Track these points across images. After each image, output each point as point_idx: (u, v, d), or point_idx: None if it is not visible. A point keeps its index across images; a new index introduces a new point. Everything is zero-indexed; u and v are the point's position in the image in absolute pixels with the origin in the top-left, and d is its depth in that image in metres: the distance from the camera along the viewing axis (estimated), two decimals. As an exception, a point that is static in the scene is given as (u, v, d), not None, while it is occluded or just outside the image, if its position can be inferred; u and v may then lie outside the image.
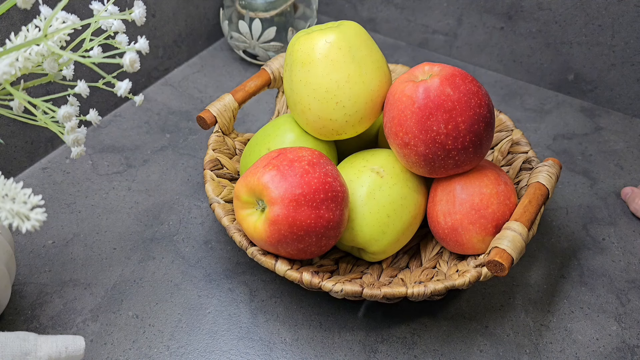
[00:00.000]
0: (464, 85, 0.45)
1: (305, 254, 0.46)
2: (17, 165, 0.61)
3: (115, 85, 0.37)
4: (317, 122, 0.50)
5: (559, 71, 0.75)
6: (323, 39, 0.48)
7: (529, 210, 0.46)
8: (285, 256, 0.46)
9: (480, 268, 0.45)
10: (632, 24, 0.67)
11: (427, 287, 0.44)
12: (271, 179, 0.44)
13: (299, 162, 0.45)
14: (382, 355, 0.48)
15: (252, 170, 0.46)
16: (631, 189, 0.61)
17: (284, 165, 0.45)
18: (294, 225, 0.43)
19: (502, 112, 0.59)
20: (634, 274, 0.55)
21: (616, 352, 0.48)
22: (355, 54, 0.49)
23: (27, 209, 0.32)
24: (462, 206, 0.47)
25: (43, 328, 0.48)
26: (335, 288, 0.44)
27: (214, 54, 0.81)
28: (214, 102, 0.56)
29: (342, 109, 0.49)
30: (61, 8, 0.35)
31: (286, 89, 0.52)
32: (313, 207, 0.43)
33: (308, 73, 0.49)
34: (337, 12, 0.87)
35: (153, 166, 0.64)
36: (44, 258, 0.53)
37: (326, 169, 0.45)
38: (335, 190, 0.45)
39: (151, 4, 0.69)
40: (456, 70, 0.46)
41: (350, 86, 0.48)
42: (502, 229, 0.45)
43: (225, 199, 0.51)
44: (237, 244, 0.48)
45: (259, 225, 0.45)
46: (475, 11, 0.76)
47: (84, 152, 0.39)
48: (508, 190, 0.48)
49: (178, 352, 0.47)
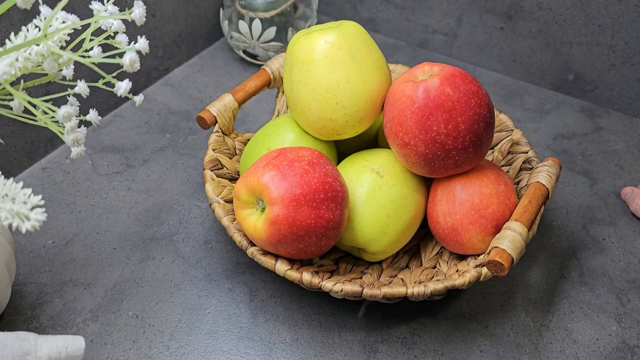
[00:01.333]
0: (464, 85, 0.45)
1: (305, 254, 0.46)
2: (17, 165, 0.61)
3: (115, 85, 0.37)
4: (317, 122, 0.50)
5: (559, 71, 0.75)
6: (323, 39, 0.48)
7: (529, 210, 0.46)
8: (285, 256, 0.46)
9: (480, 268, 0.45)
10: (632, 24, 0.67)
11: (427, 287, 0.44)
12: (271, 179, 0.44)
13: (299, 162, 0.45)
14: (382, 355, 0.48)
15: (252, 170, 0.46)
16: (631, 189, 0.61)
17: (284, 165, 0.45)
18: (294, 225, 0.43)
19: (502, 112, 0.59)
20: (634, 274, 0.55)
21: (616, 352, 0.48)
22: (355, 54, 0.49)
23: (27, 209, 0.32)
24: (462, 206, 0.47)
25: (43, 328, 0.48)
26: (335, 288, 0.44)
27: (214, 54, 0.81)
28: (214, 102, 0.56)
29: (342, 109, 0.49)
30: (61, 8, 0.35)
31: (286, 89, 0.52)
32: (313, 207, 0.43)
33: (308, 73, 0.49)
34: (337, 12, 0.87)
35: (153, 166, 0.64)
36: (44, 258, 0.53)
37: (326, 169, 0.45)
38: (335, 190, 0.45)
39: (151, 4, 0.69)
40: (456, 70, 0.46)
41: (351, 86, 0.48)
42: (502, 229, 0.45)
43: (225, 199, 0.51)
44: (237, 244, 0.48)
45: (259, 225, 0.45)
46: (475, 11, 0.76)
47: (84, 152, 0.39)
48: (508, 190, 0.48)
49: (178, 352, 0.47)
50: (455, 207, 0.47)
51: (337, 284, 0.44)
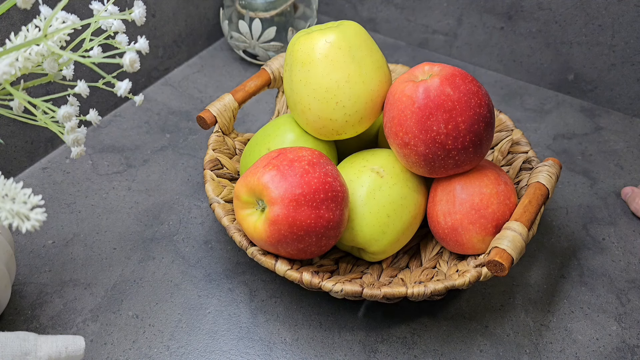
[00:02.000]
0: (464, 85, 0.45)
1: (305, 254, 0.46)
2: (17, 165, 0.61)
3: (115, 85, 0.37)
4: (317, 122, 0.50)
5: (559, 71, 0.75)
6: (323, 38, 0.48)
7: (529, 210, 0.46)
8: (285, 256, 0.46)
9: (480, 268, 0.45)
10: (632, 24, 0.67)
11: (427, 287, 0.44)
12: (271, 179, 0.44)
13: (299, 162, 0.45)
14: (382, 355, 0.48)
15: (252, 170, 0.46)
16: (631, 188, 0.61)
17: (284, 165, 0.45)
18: (294, 225, 0.43)
19: (502, 112, 0.59)
20: (634, 274, 0.55)
21: (616, 352, 0.48)
22: (355, 53, 0.49)
23: (27, 209, 0.32)
24: (462, 206, 0.47)
25: (43, 328, 0.48)
26: (335, 288, 0.44)
27: (214, 54, 0.81)
28: (214, 102, 0.56)
29: (342, 108, 0.49)
30: (61, 8, 0.35)
31: (286, 89, 0.52)
32: (313, 207, 0.43)
33: (308, 73, 0.49)
34: (337, 12, 0.87)
35: (153, 166, 0.64)
36: (44, 258, 0.53)
37: (326, 168, 0.45)
38: (335, 190, 0.45)
39: (151, 4, 0.69)
40: (456, 70, 0.46)
41: (350, 86, 0.48)
42: (502, 228, 0.45)
43: (225, 199, 0.51)
44: (237, 244, 0.48)
45: (259, 225, 0.45)
46: (475, 11, 0.76)
47: (84, 152, 0.39)
48: (508, 190, 0.48)
49: (178, 352, 0.47)
50: (455, 207, 0.47)
51: (337, 284, 0.44)
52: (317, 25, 0.52)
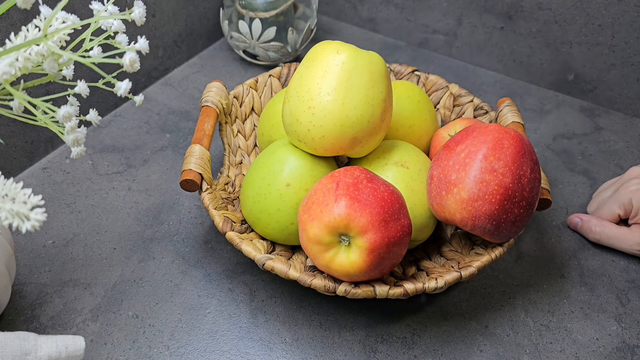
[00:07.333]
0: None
1: (392, 267, 0.45)
2: (17, 165, 0.61)
3: (115, 85, 0.37)
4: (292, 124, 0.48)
5: (559, 71, 0.75)
6: (338, 48, 0.47)
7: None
8: (374, 278, 0.45)
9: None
10: (632, 24, 0.67)
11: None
12: (351, 209, 0.42)
13: (361, 182, 0.43)
14: (382, 355, 0.48)
15: (320, 210, 0.43)
16: (578, 217, 0.58)
17: (352, 192, 0.43)
18: (390, 244, 0.42)
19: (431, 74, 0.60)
20: (634, 274, 0.55)
21: (616, 352, 0.48)
22: (354, 79, 0.46)
23: (27, 209, 0.32)
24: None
25: (43, 328, 0.48)
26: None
27: (214, 54, 0.81)
28: (187, 157, 0.51)
29: (311, 116, 0.47)
30: (61, 8, 0.35)
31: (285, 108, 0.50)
32: (396, 220, 0.43)
33: (302, 68, 0.48)
34: (337, 12, 0.87)
35: (153, 166, 0.64)
36: (44, 258, 0.53)
37: (380, 179, 0.45)
38: (398, 195, 0.44)
39: (151, 4, 0.69)
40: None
41: (322, 100, 0.46)
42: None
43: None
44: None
45: (353, 259, 0.43)
46: (475, 11, 0.76)
47: (84, 152, 0.39)
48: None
49: (178, 352, 0.47)
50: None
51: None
52: (337, 42, 0.49)
